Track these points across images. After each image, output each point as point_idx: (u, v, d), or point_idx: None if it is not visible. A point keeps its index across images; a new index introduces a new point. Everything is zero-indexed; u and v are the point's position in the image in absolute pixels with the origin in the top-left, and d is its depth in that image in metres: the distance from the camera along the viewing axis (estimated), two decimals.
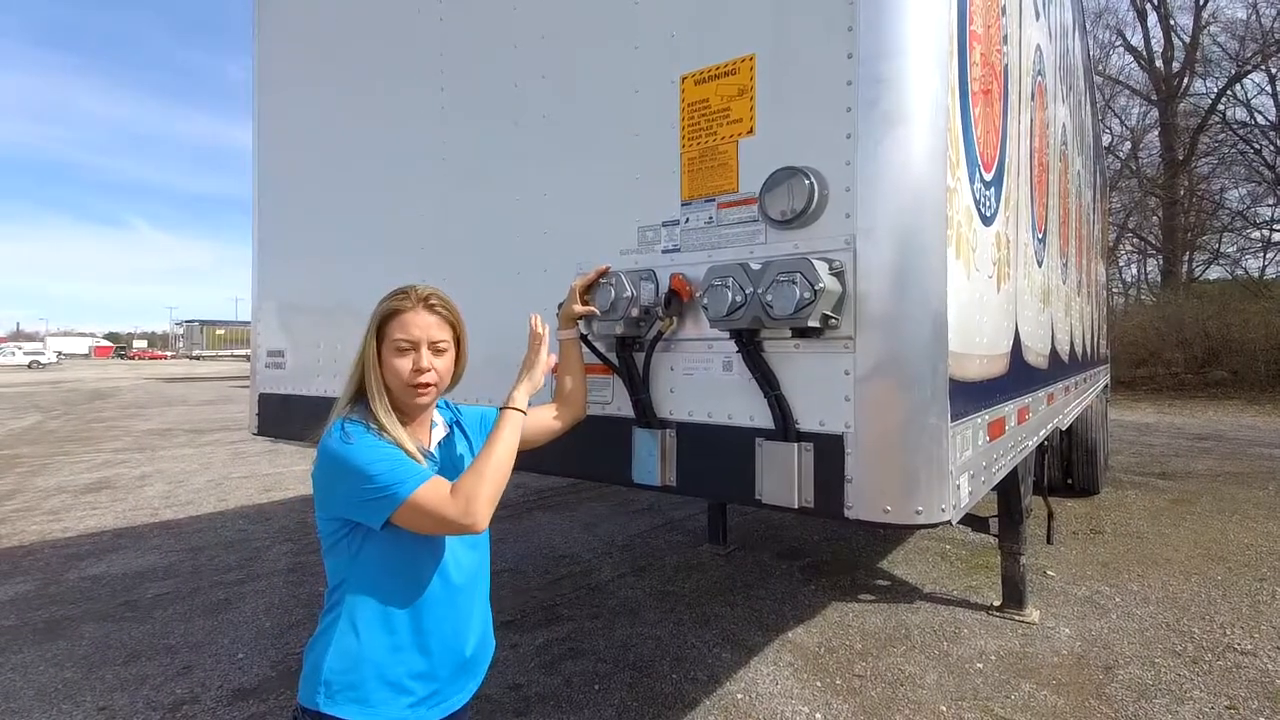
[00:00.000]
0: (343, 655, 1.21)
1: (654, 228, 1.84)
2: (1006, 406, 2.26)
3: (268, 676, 3.07)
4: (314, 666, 1.22)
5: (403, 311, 1.32)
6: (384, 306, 1.33)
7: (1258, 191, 22.72)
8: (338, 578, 1.26)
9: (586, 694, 2.90)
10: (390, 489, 1.16)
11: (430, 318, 1.33)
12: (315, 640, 1.26)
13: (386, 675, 1.22)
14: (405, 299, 1.33)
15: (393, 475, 1.17)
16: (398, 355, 1.30)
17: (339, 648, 1.21)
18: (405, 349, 1.31)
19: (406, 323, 1.31)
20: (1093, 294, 6.83)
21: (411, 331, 1.31)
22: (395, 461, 1.19)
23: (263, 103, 3.32)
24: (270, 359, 3.21)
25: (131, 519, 5.94)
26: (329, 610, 1.26)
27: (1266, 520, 5.57)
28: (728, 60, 1.70)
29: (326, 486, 1.22)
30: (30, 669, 3.16)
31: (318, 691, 1.19)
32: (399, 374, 1.30)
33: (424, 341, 1.32)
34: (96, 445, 10.38)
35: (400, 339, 1.30)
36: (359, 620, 1.23)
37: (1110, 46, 25.79)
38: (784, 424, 1.55)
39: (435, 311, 1.35)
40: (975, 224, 1.86)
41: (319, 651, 1.23)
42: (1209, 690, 2.90)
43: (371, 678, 1.21)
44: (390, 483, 1.16)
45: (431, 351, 1.33)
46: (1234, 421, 12.17)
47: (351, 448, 1.18)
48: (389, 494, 1.16)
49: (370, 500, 1.17)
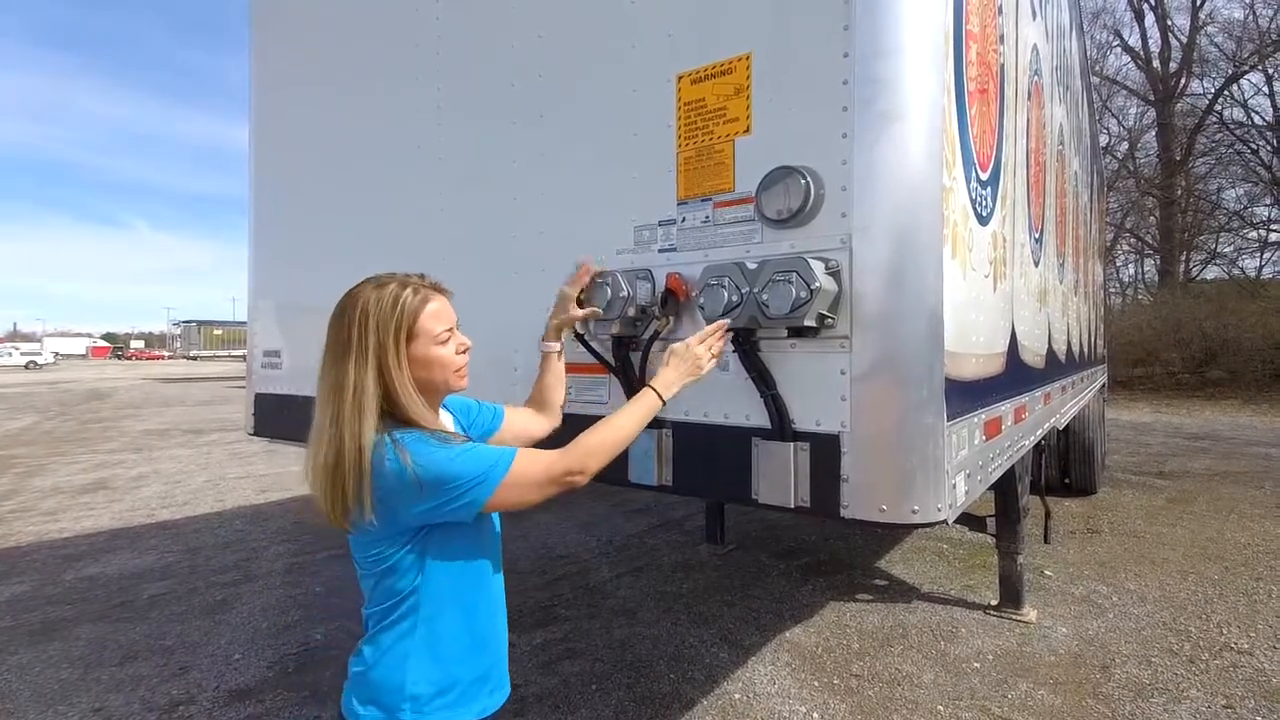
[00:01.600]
0: (430, 666, 1.19)
1: (650, 227, 1.84)
2: (1003, 406, 2.26)
3: (264, 677, 3.06)
4: (392, 685, 1.18)
5: (428, 303, 1.24)
6: (410, 305, 1.22)
7: (1255, 191, 22.79)
8: (403, 590, 1.19)
9: (584, 694, 2.90)
10: (480, 478, 1.13)
11: (446, 298, 1.30)
12: (382, 658, 1.19)
13: (471, 674, 1.23)
14: (417, 288, 1.25)
15: (477, 464, 1.14)
16: (441, 346, 1.25)
17: (422, 659, 1.19)
18: (448, 337, 1.26)
19: (440, 312, 1.26)
20: (1090, 294, 6.84)
21: (449, 317, 1.27)
22: (470, 451, 1.16)
23: (259, 102, 3.32)
24: (267, 359, 3.21)
25: (128, 519, 5.92)
26: (390, 627, 1.20)
27: (1263, 519, 5.58)
28: (724, 59, 1.70)
29: (398, 506, 1.13)
30: (26, 670, 3.15)
31: (402, 709, 1.17)
32: (449, 364, 1.26)
33: (455, 323, 1.29)
34: (93, 446, 10.36)
35: (442, 331, 1.25)
36: (440, 628, 1.20)
37: (1107, 47, 25.86)
38: (780, 423, 1.55)
39: (444, 292, 1.31)
40: (971, 223, 1.86)
41: (392, 668, 1.18)
42: (1206, 689, 2.90)
43: (462, 681, 1.22)
44: (478, 472, 1.14)
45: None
46: (1231, 421, 12.19)
47: (421, 458, 1.11)
48: (481, 482, 1.14)
49: (463, 496, 1.13)
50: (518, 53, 2.16)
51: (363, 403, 1.14)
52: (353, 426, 1.13)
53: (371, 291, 1.22)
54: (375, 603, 1.22)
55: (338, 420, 1.14)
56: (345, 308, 1.22)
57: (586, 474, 1.23)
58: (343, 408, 1.14)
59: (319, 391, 1.20)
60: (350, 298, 1.23)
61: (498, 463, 1.16)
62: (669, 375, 1.42)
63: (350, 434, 1.12)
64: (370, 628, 1.24)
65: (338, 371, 1.17)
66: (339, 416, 1.14)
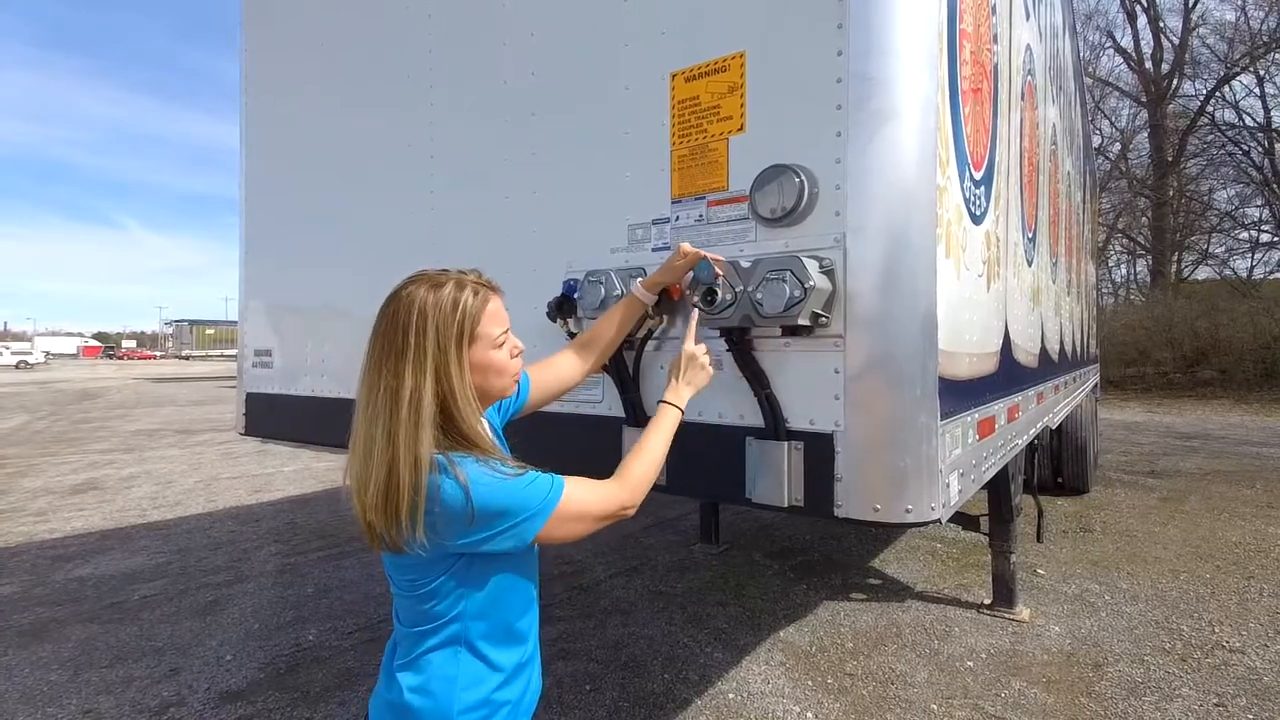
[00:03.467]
0: (473, 689, 1.12)
1: (644, 226, 1.83)
2: (996, 405, 2.27)
3: (256, 679, 3.04)
4: (440, 710, 1.10)
5: (488, 304, 1.15)
6: (471, 307, 1.12)
7: (1246, 193, 22.96)
8: (444, 614, 1.12)
9: (578, 695, 2.89)
10: (534, 511, 1.08)
11: (499, 297, 1.20)
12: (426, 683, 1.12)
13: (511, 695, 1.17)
14: (476, 288, 1.15)
15: (533, 498, 1.08)
16: (498, 349, 1.16)
17: (468, 683, 1.12)
18: (505, 340, 1.18)
19: (497, 313, 1.16)
20: (1082, 294, 6.87)
21: (504, 318, 1.18)
22: (528, 483, 1.09)
23: (250, 102, 3.30)
24: (258, 358, 3.19)
25: (119, 520, 5.88)
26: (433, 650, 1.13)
27: (1254, 518, 5.62)
28: (718, 57, 1.69)
29: (445, 534, 1.05)
30: (15, 671, 3.12)
31: None
32: (505, 369, 1.18)
33: (509, 323, 1.20)
34: (84, 446, 10.29)
35: (500, 334, 1.16)
36: (484, 652, 1.14)
37: (1100, 48, 26.00)
38: (774, 423, 1.55)
39: (496, 290, 1.20)
40: (965, 223, 1.86)
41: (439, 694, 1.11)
42: (1198, 687, 2.91)
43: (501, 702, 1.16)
44: (534, 506, 1.08)
45: None
46: (1222, 420, 12.27)
47: (480, 487, 1.04)
48: (534, 515, 1.08)
49: (514, 530, 1.07)
50: (510, 51, 2.15)
51: (420, 414, 1.04)
52: (409, 441, 1.02)
53: (428, 292, 1.11)
54: (412, 623, 1.14)
55: (391, 433, 1.03)
56: (397, 309, 1.10)
57: (638, 503, 1.22)
58: (398, 420, 1.03)
59: (365, 401, 1.09)
60: (403, 298, 1.11)
61: (547, 494, 1.09)
62: (683, 388, 1.40)
63: (406, 449, 1.02)
64: (409, 649, 1.15)
65: (391, 379, 1.06)
66: (393, 430, 1.03)
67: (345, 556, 4.74)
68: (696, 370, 1.43)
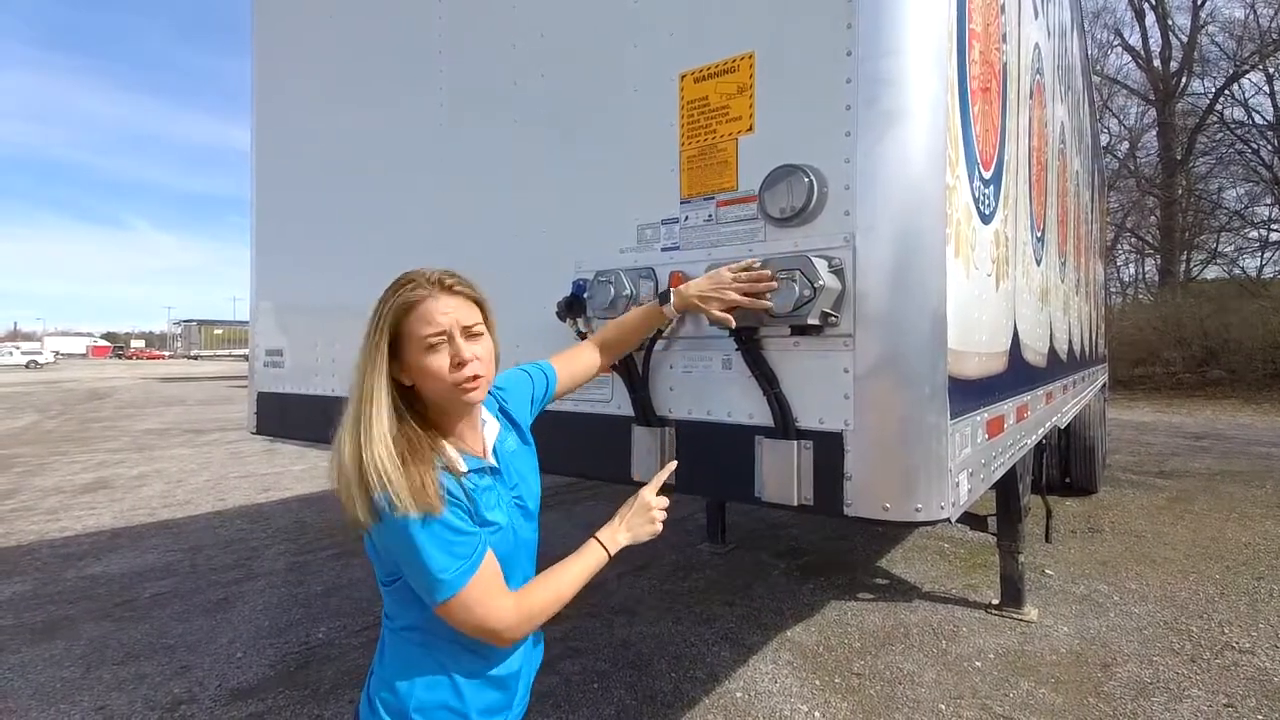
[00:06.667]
0: (436, 686, 1.12)
1: (653, 226, 1.84)
2: (1005, 404, 2.26)
3: (266, 676, 3.07)
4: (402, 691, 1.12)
5: (419, 302, 1.09)
6: (396, 302, 1.09)
7: (1255, 191, 22.78)
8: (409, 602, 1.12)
9: (585, 693, 2.90)
10: (430, 587, 1.03)
11: (452, 300, 1.12)
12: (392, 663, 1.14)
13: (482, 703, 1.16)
14: (416, 286, 1.10)
15: (441, 570, 1.02)
16: (429, 354, 1.08)
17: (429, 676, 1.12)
18: (437, 344, 1.08)
19: (429, 313, 1.08)
20: (1091, 293, 6.84)
21: (438, 320, 1.08)
22: (449, 549, 1.03)
23: (261, 103, 3.32)
24: (269, 358, 3.21)
25: (129, 519, 5.93)
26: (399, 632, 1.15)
27: (1264, 519, 5.58)
28: (727, 58, 1.70)
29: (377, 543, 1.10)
30: (28, 669, 3.15)
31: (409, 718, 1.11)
32: (438, 375, 1.08)
33: (456, 328, 1.10)
34: (94, 445, 10.36)
35: (429, 335, 1.08)
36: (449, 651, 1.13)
37: (1108, 46, 25.86)
38: (783, 422, 1.55)
39: (456, 292, 1.13)
40: (974, 222, 1.86)
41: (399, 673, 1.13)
42: (1207, 688, 2.90)
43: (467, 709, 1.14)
44: (433, 581, 1.02)
45: (466, 338, 1.11)
46: (1231, 420, 12.19)
47: (402, 532, 1.02)
48: (433, 588, 1.03)
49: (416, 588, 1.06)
50: (520, 52, 2.16)
51: (369, 409, 1.05)
52: (355, 433, 1.04)
53: (388, 289, 1.12)
54: (388, 615, 1.18)
55: (354, 421, 1.06)
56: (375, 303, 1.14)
57: (519, 638, 1.12)
58: (356, 410, 1.07)
59: None
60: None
61: (457, 578, 1.03)
62: (621, 533, 1.29)
63: (352, 440, 1.04)
64: (382, 642, 1.19)
65: (355, 373, 1.10)
66: (354, 418, 1.06)
67: (354, 555, 4.77)
68: (644, 522, 1.32)
